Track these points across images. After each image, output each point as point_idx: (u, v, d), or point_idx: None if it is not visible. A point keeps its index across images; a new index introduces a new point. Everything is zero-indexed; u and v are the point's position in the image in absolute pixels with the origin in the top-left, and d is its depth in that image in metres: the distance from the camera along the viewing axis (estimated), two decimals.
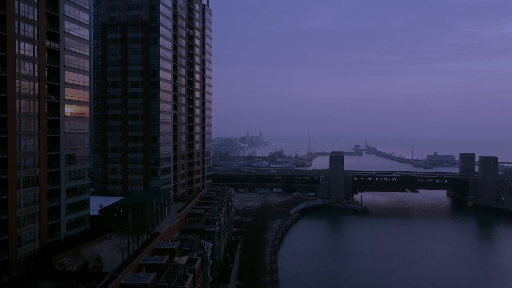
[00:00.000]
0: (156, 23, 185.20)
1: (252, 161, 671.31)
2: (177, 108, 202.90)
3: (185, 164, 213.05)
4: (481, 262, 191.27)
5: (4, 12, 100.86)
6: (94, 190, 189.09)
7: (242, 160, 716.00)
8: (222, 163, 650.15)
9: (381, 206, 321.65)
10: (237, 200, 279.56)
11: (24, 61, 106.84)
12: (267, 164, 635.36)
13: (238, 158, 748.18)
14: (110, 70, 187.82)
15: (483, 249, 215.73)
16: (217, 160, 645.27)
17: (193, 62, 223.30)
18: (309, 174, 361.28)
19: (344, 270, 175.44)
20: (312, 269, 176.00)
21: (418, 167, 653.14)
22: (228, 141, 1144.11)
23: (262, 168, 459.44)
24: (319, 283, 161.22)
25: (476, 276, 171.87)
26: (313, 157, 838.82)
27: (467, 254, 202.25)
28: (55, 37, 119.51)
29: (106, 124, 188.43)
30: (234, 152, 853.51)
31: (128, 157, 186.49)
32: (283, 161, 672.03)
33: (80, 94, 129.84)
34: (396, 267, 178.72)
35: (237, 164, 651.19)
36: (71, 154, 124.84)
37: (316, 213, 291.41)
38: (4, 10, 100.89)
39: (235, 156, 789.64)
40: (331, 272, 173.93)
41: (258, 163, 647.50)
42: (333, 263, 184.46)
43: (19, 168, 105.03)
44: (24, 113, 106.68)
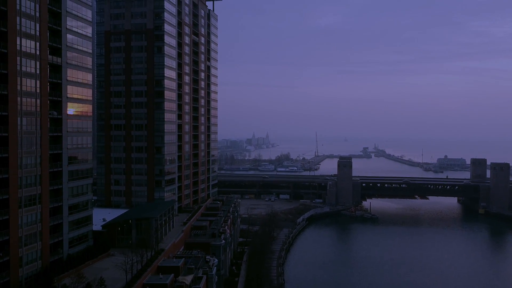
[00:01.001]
0: (161, 31, 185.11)
1: (259, 165, 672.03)
2: (181, 117, 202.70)
3: (190, 174, 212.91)
4: (492, 273, 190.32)
5: (5, 28, 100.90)
6: (97, 201, 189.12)
7: (248, 163, 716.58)
8: (228, 166, 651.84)
9: (390, 213, 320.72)
10: (243, 208, 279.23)
11: (26, 78, 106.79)
12: (273, 168, 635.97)
13: (244, 162, 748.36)
14: (114, 79, 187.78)
15: (495, 259, 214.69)
16: (222, 163, 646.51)
17: (198, 69, 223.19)
18: (316, 180, 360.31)
19: (353, 283, 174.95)
20: (320, 282, 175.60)
21: (428, 171, 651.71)
22: (234, 143, 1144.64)
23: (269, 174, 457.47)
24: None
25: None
26: (320, 160, 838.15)
27: (478, 265, 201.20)
28: (57, 51, 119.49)
29: (109, 134, 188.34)
30: (240, 155, 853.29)
31: (132, 168, 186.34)
32: (290, 165, 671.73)
33: (83, 108, 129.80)
34: (405, 278, 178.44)
35: (243, 168, 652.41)
36: (73, 170, 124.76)
37: (323, 221, 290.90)
38: (6, 27, 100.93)
39: (241, 159, 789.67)
40: (340, 285, 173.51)
41: (265, 167, 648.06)
42: (341, 275, 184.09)
43: (20, 187, 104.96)
44: (26, 130, 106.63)
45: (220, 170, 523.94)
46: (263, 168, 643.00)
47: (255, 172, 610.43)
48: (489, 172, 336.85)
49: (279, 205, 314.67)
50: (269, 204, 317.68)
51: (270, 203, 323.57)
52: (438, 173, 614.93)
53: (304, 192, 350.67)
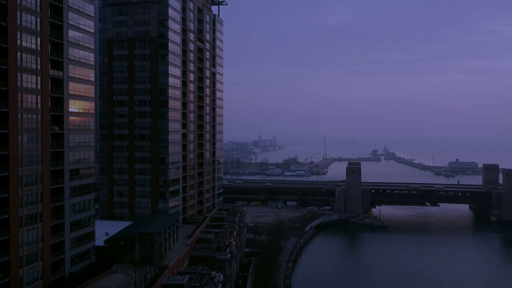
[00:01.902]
0: (165, 39, 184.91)
1: (265, 169, 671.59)
2: (186, 126, 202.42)
3: (194, 183, 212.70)
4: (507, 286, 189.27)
5: (5, 44, 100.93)
6: (100, 213, 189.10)
7: (255, 167, 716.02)
8: (234, 170, 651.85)
9: (400, 221, 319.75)
10: (250, 215, 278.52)
11: (26, 94, 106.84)
12: (280, 172, 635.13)
13: (250, 165, 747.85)
14: (117, 88, 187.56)
15: (509, 271, 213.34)
16: (228, 167, 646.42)
17: (203, 76, 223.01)
18: (324, 186, 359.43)
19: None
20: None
21: (439, 175, 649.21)
22: (240, 145, 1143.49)
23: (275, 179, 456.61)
24: None
25: None
26: (329, 164, 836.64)
27: (491, 277, 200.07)
28: (59, 65, 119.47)
29: (112, 145, 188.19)
30: (246, 158, 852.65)
31: (135, 179, 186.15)
32: (298, 169, 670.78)
33: (85, 121, 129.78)
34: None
35: (249, 171, 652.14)
36: (75, 185, 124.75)
37: (332, 229, 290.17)
38: (6, 42, 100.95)
39: (247, 162, 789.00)
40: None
41: (271, 171, 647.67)
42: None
43: (21, 206, 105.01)
44: (27, 148, 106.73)
45: (226, 174, 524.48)
46: (270, 172, 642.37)
47: (261, 176, 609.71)
48: (502, 178, 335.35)
49: (286, 213, 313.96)
50: (276, 212, 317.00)
51: (277, 211, 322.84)
52: (449, 178, 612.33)
53: (312, 199, 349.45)
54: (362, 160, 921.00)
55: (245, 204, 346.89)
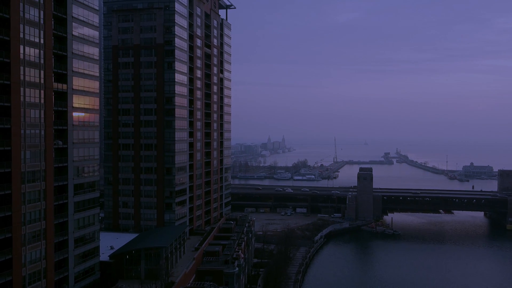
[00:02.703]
0: (171, 46, 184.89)
1: (274, 173, 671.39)
2: (193, 135, 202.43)
3: (201, 193, 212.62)
4: None
5: (8, 59, 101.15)
6: (104, 224, 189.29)
7: (263, 170, 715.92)
8: (242, 174, 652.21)
9: (413, 229, 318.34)
10: (258, 223, 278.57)
11: (29, 108, 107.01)
12: (290, 176, 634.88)
13: (259, 169, 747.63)
14: (122, 97, 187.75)
15: None
16: (236, 171, 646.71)
17: (210, 83, 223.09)
18: (335, 193, 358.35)
19: None
20: None
21: (453, 179, 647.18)
22: (249, 148, 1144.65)
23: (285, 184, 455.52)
24: None
25: None
26: (339, 167, 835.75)
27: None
28: (63, 77, 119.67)
29: (117, 154, 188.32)
30: (254, 161, 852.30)
31: (141, 189, 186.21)
32: (307, 173, 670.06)
33: (89, 134, 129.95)
34: None
35: (257, 175, 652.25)
36: (80, 200, 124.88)
37: (342, 238, 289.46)
38: (9, 57, 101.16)
39: (256, 166, 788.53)
40: None
41: (280, 175, 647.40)
42: None
43: (24, 224, 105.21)
44: (30, 164, 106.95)
45: (233, 178, 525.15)
46: (279, 176, 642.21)
47: (270, 180, 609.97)
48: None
49: (296, 220, 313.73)
50: (285, 219, 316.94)
51: (286, 218, 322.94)
52: (463, 182, 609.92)
53: (322, 206, 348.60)
54: (373, 163, 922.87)
55: (254, 211, 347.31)
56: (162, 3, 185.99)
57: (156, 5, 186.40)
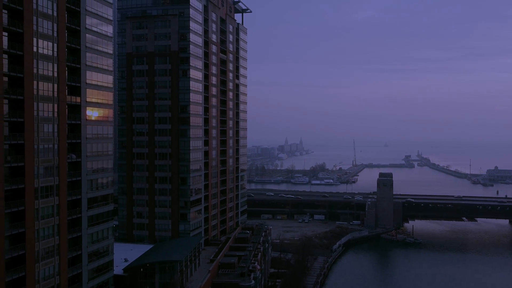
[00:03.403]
0: (186, 54, 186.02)
1: (291, 177, 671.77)
2: (208, 143, 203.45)
3: (217, 203, 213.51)
4: None
5: (22, 74, 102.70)
6: (118, 234, 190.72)
7: (280, 174, 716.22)
8: (259, 178, 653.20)
9: (435, 237, 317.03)
10: (275, 231, 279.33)
11: (43, 123, 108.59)
12: (307, 180, 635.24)
13: (275, 172, 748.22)
14: (136, 105, 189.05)
15: None
16: (252, 175, 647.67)
17: (226, 89, 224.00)
18: (354, 199, 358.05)
19: None
20: None
21: (477, 183, 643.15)
22: (265, 150, 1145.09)
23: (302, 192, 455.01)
24: None
25: None
26: (358, 170, 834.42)
27: None
28: (76, 90, 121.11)
29: (131, 164, 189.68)
30: (271, 164, 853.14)
31: (155, 199, 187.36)
32: (326, 177, 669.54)
33: (103, 147, 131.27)
34: None
35: (274, 180, 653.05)
36: (93, 214, 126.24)
37: (362, 246, 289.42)
38: (22, 73, 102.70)
39: (273, 169, 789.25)
40: None
41: (298, 179, 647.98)
42: None
43: (37, 240, 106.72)
44: (43, 180, 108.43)
45: (250, 183, 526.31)
46: (296, 180, 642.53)
47: (287, 185, 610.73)
48: None
49: (314, 228, 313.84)
50: (303, 227, 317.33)
51: (303, 225, 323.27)
52: (487, 187, 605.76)
53: (340, 213, 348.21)
54: (394, 166, 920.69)
55: (270, 217, 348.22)
56: (177, 9, 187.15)
57: (170, 12, 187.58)
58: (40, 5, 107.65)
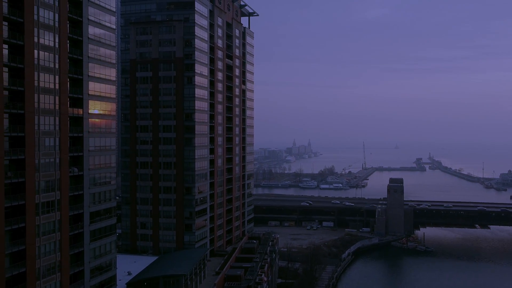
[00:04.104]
0: (191, 60, 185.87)
1: (300, 181, 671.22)
2: (214, 151, 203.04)
3: (223, 212, 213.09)
4: None
5: (22, 87, 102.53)
6: (122, 245, 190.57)
7: (288, 178, 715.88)
8: (266, 182, 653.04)
9: (447, 245, 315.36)
10: (282, 239, 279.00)
11: (44, 136, 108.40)
12: (316, 184, 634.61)
13: (283, 176, 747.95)
14: (140, 113, 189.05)
15: None
16: (259, 179, 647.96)
17: (232, 96, 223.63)
18: (363, 206, 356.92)
19: None
20: None
21: (490, 188, 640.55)
22: (273, 153, 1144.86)
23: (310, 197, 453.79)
24: None
25: None
26: (368, 174, 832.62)
27: None
28: (78, 101, 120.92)
29: (135, 173, 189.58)
30: (279, 168, 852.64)
31: (160, 210, 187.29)
32: (335, 181, 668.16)
33: (106, 159, 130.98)
34: None
35: (282, 184, 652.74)
36: (95, 229, 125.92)
37: (371, 255, 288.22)
38: (23, 86, 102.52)
39: (280, 173, 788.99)
40: None
41: (306, 183, 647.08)
42: None
43: (38, 257, 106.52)
44: (44, 195, 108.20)
45: (257, 187, 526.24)
46: (305, 184, 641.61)
47: (295, 189, 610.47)
48: None
49: (322, 235, 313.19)
50: (311, 234, 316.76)
51: (312, 233, 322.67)
52: (501, 191, 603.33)
53: (350, 219, 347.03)
54: (405, 170, 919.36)
55: (278, 224, 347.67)
56: (182, 15, 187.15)
57: (175, 17, 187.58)
58: (42, 16, 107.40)
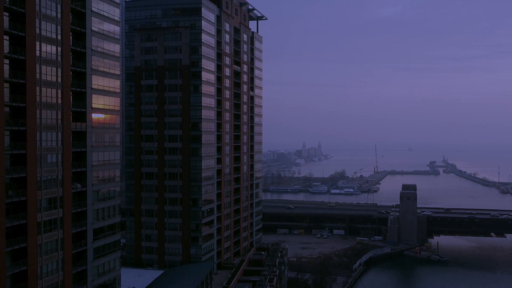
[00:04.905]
0: (198, 68, 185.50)
1: (309, 185, 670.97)
2: (221, 161, 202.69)
3: (230, 223, 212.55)
4: None
5: (24, 104, 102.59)
6: (126, 258, 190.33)
7: (298, 182, 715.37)
8: (275, 187, 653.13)
9: (461, 254, 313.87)
10: (291, 247, 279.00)
11: (47, 152, 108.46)
12: (326, 189, 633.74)
13: (293, 180, 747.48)
14: (145, 122, 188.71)
15: None
16: (268, 183, 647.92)
17: (240, 103, 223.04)
18: (375, 213, 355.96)
19: None
20: None
21: (506, 193, 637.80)
22: (281, 156, 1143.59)
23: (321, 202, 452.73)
24: None
25: None
26: (380, 178, 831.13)
27: None
28: (82, 115, 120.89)
29: (139, 184, 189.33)
30: (288, 172, 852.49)
31: (165, 222, 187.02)
32: (346, 185, 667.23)
33: (109, 174, 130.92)
34: None
35: (291, 189, 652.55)
36: (99, 246, 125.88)
37: (383, 265, 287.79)
38: (24, 102, 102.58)
39: (289, 176, 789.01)
40: None
41: (316, 188, 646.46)
42: None
43: (40, 278, 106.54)
44: (46, 213, 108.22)
45: (265, 192, 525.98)
46: (315, 189, 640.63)
47: (305, 194, 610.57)
48: None
49: (333, 244, 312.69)
50: (321, 243, 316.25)
51: (322, 241, 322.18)
52: None
53: (361, 227, 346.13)
54: (418, 173, 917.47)
55: (287, 232, 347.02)
56: (188, 21, 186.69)
57: (181, 24, 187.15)
58: (44, 29, 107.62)
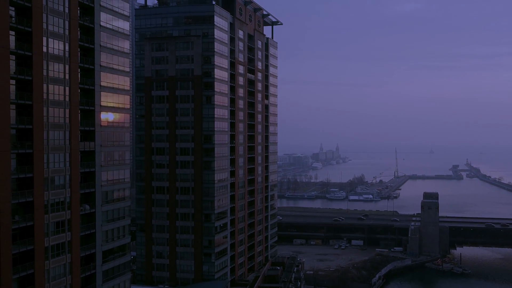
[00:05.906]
0: (210, 78, 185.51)
1: (327, 191, 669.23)
2: (235, 174, 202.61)
3: (244, 238, 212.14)
4: None
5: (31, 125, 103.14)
6: (136, 275, 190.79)
7: (315, 188, 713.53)
8: (290, 193, 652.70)
9: (486, 266, 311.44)
10: (308, 259, 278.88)
11: (54, 174, 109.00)
12: (344, 195, 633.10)
13: (309, 185, 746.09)
14: (156, 134, 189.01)
15: None
16: (283, 189, 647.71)
17: (254, 112, 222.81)
18: (395, 223, 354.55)
19: None
20: None
21: None
22: (298, 159, 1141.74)
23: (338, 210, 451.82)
24: None
25: None
26: (401, 183, 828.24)
27: None
28: (91, 134, 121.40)
29: (150, 198, 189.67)
30: (304, 177, 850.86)
31: (177, 238, 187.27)
32: (364, 191, 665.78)
33: (119, 194, 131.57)
34: None
35: (308, 195, 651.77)
36: (108, 269, 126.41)
37: (404, 277, 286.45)
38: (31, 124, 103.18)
39: (306, 181, 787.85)
40: None
41: (334, 194, 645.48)
42: None
43: None
44: (54, 237, 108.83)
45: (281, 198, 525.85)
46: (332, 196, 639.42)
47: (322, 201, 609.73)
48: None
49: (351, 255, 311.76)
50: (339, 254, 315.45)
51: (340, 252, 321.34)
52: None
53: (380, 238, 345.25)
54: (440, 178, 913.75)
55: (304, 243, 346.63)
56: (200, 30, 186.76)
57: (193, 33, 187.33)
58: (51, 47, 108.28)
